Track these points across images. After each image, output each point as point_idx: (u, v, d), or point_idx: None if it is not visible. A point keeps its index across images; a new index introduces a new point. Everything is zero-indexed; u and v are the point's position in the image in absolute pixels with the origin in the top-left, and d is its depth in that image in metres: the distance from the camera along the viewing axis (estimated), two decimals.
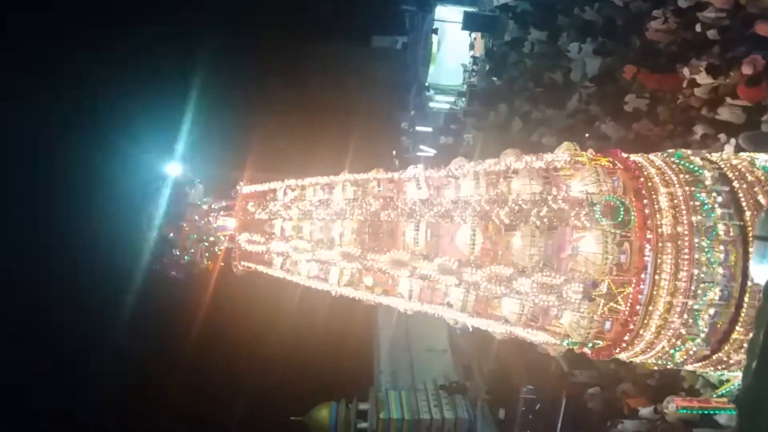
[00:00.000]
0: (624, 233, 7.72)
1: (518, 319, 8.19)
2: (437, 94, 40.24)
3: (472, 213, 8.21)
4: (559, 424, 24.11)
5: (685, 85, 17.05)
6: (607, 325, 7.99)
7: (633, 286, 7.70)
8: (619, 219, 7.60)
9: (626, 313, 7.78)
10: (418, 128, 42.06)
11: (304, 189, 9.63)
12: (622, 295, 7.68)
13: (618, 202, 7.58)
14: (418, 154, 40.07)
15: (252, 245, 9.54)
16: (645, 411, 17.67)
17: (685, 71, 15.93)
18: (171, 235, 9.45)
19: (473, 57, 36.92)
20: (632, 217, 7.63)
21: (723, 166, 8.23)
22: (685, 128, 17.86)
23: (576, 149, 8.09)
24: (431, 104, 41.10)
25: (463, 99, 36.81)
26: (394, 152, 41.75)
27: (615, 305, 7.78)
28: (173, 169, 9.95)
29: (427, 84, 39.90)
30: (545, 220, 7.74)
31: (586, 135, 23.42)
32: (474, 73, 36.37)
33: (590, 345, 8.11)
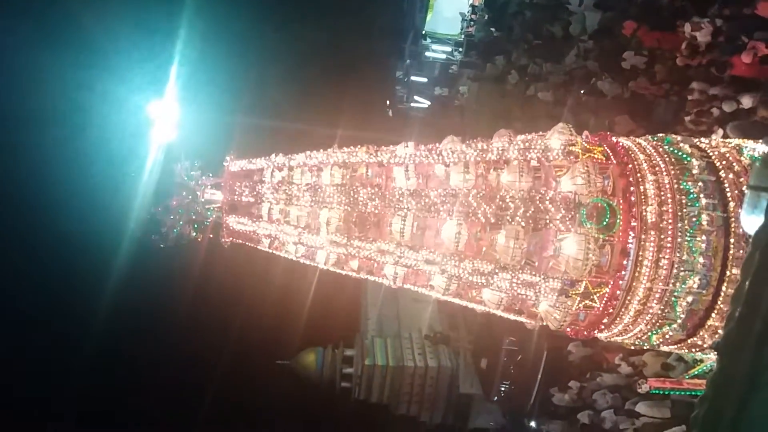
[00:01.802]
0: (607, 236, 7.76)
1: (497, 305, 8.34)
2: (434, 43, 39.39)
3: (459, 208, 8.20)
4: (540, 376, 24.90)
5: (684, 46, 16.83)
6: (581, 316, 8.15)
7: (610, 287, 7.82)
8: (604, 222, 7.65)
9: (599, 309, 7.95)
10: (413, 78, 41.36)
11: (292, 170, 9.49)
12: (597, 294, 7.82)
13: (605, 205, 7.60)
14: (413, 105, 39.57)
15: (240, 226, 9.49)
16: (623, 366, 18.26)
17: (687, 27, 15.67)
18: (159, 210, 9.37)
19: (472, 6, 36.05)
20: (618, 220, 7.67)
21: (711, 154, 8.21)
22: (682, 88, 17.76)
23: (571, 131, 7.99)
24: (427, 53, 40.30)
25: (460, 49, 36.14)
26: (387, 102, 41.20)
27: (590, 302, 7.91)
28: (162, 137, 9.75)
29: (423, 32, 39.00)
30: (530, 220, 7.76)
31: (582, 91, 23.24)
32: (472, 23, 35.60)
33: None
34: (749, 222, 5.50)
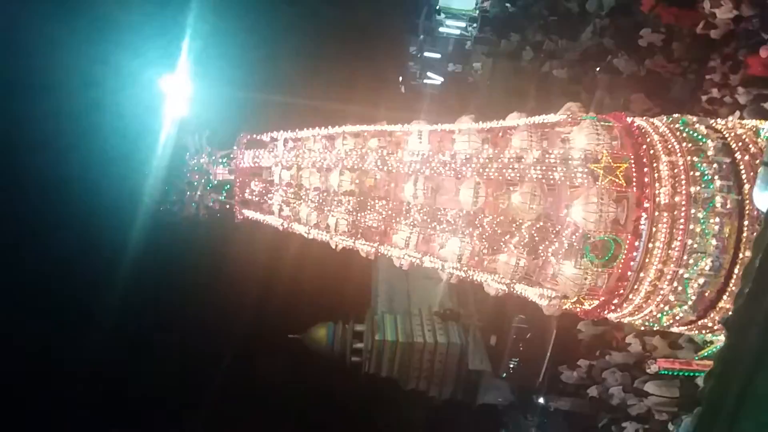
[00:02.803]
0: (622, 190, 7.77)
1: (513, 273, 8.33)
2: (448, 18, 38.78)
3: (473, 168, 8.22)
4: (549, 353, 25.03)
5: (702, 24, 16.55)
6: (600, 281, 8.13)
7: (628, 242, 7.82)
8: (607, 257, 7.76)
9: (620, 268, 7.92)
10: (426, 54, 40.89)
11: (305, 140, 9.48)
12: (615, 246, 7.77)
13: (610, 241, 7.69)
14: (425, 81, 39.20)
15: (251, 195, 9.51)
16: (634, 345, 18.32)
17: (706, 4, 15.40)
18: (172, 187, 9.42)
19: None
20: (632, 174, 7.68)
21: (727, 135, 8.11)
22: (700, 65, 17.51)
23: (597, 132, 8.01)
24: (441, 29, 39.74)
25: (475, 25, 35.61)
26: (400, 78, 40.82)
27: (609, 262, 7.90)
28: (175, 112, 9.75)
29: (438, 7, 38.40)
30: (544, 180, 7.76)
31: (597, 69, 22.96)
32: None
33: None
34: (762, 199, 5.47)
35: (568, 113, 7.90)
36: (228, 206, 9.65)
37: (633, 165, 7.74)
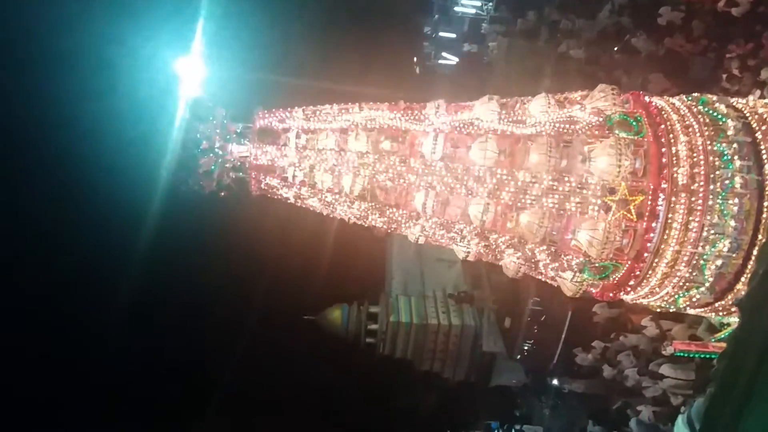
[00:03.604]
0: (637, 141, 7.70)
1: (537, 232, 8.14)
2: None
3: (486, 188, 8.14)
4: (563, 336, 25.00)
5: (723, 2, 16.22)
6: (624, 241, 7.98)
7: (649, 193, 7.68)
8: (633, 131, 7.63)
9: (643, 225, 7.75)
10: (441, 34, 40.47)
11: (317, 133, 9.39)
12: (635, 204, 7.67)
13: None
14: (440, 61, 38.83)
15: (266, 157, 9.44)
16: (649, 328, 18.23)
17: None
18: (192, 158, 9.40)
19: None
20: (644, 129, 7.66)
21: (748, 114, 7.94)
22: (720, 44, 17.18)
23: (614, 96, 7.95)
24: (456, 8, 39.31)
25: (490, 4, 35.25)
26: (415, 59, 40.46)
27: (628, 215, 7.79)
28: (189, 93, 9.73)
29: None
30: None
31: (615, 48, 22.63)
32: None
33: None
34: None
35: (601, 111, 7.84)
36: (245, 182, 9.63)
37: (650, 198, 7.67)
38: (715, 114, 7.96)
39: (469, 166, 8.36)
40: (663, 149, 7.56)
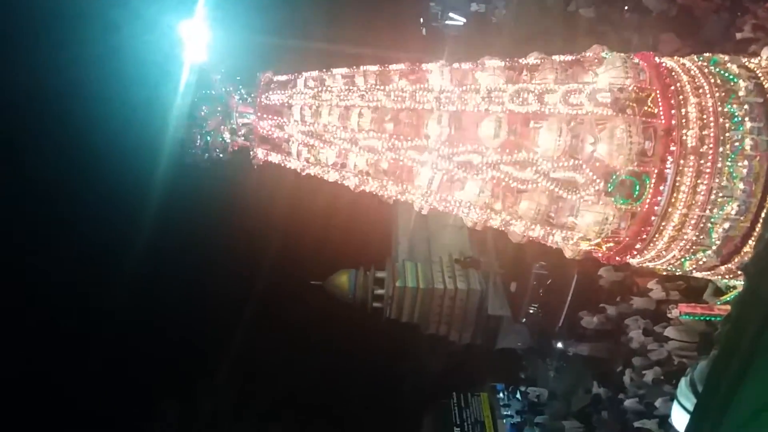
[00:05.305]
0: (648, 120, 7.55)
1: (534, 218, 8.19)
2: None
3: (495, 104, 8.02)
4: (569, 299, 25.11)
5: None
6: (623, 224, 7.97)
7: (654, 177, 7.61)
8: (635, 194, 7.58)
9: (644, 211, 7.74)
10: None
11: (324, 81, 9.26)
12: (651, 99, 7.62)
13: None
14: (447, 22, 37.99)
15: (271, 135, 9.37)
16: (655, 291, 18.24)
17: None
18: (197, 121, 9.31)
19: None
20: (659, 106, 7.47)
21: (761, 75, 7.74)
22: (734, 2, 16.73)
23: (626, 66, 7.78)
24: None
25: None
26: (421, 20, 39.65)
27: (632, 202, 7.74)
28: (193, 57, 9.58)
29: None
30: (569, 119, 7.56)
31: (626, 7, 22.07)
32: None
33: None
34: None
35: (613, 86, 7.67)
36: (248, 148, 9.55)
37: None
38: (726, 74, 7.78)
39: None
40: (672, 111, 7.40)
